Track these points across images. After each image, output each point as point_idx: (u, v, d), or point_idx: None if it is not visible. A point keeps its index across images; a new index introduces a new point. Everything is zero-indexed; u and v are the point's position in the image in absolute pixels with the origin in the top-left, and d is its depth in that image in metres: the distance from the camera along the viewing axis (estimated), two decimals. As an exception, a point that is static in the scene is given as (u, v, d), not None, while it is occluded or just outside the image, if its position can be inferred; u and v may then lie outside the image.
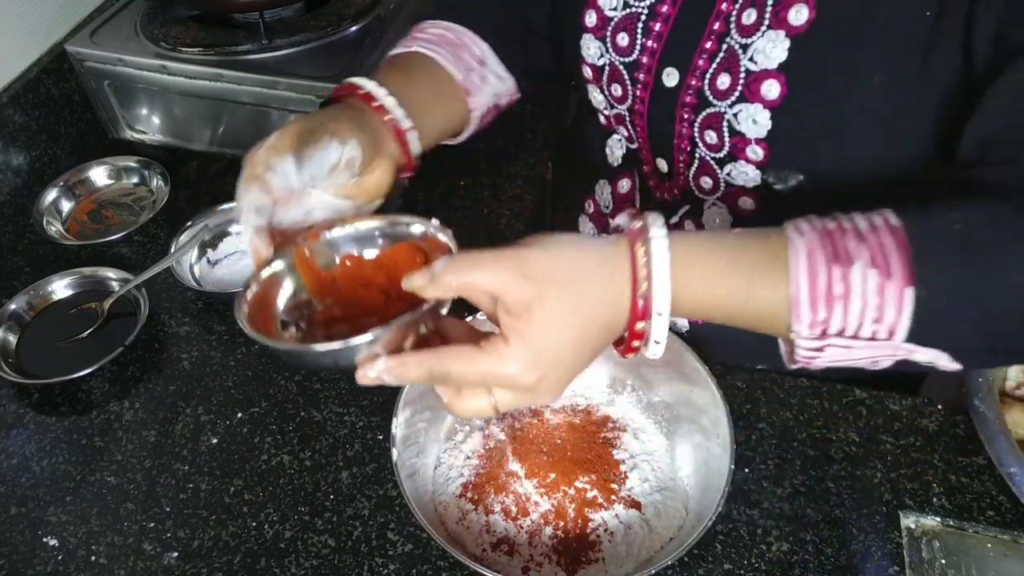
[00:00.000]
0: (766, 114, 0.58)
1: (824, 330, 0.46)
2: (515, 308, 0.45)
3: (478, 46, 0.73)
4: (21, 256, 0.93)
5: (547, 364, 0.46)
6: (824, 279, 0.45)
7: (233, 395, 0.77)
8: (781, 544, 0.64)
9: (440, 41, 0.71)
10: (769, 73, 0.57)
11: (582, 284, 0.46)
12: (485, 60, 0.73)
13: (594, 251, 0.47)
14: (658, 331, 0.47)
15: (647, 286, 0.46)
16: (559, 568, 0.61)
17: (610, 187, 0.78)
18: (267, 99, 0.95)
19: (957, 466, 0.69)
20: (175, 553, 0.65)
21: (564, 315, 0.45)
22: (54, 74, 1.01)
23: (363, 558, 0.64)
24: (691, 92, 0.62)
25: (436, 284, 0.46)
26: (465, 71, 0.70)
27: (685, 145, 0.66)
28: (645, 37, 0.64)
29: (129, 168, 1.01)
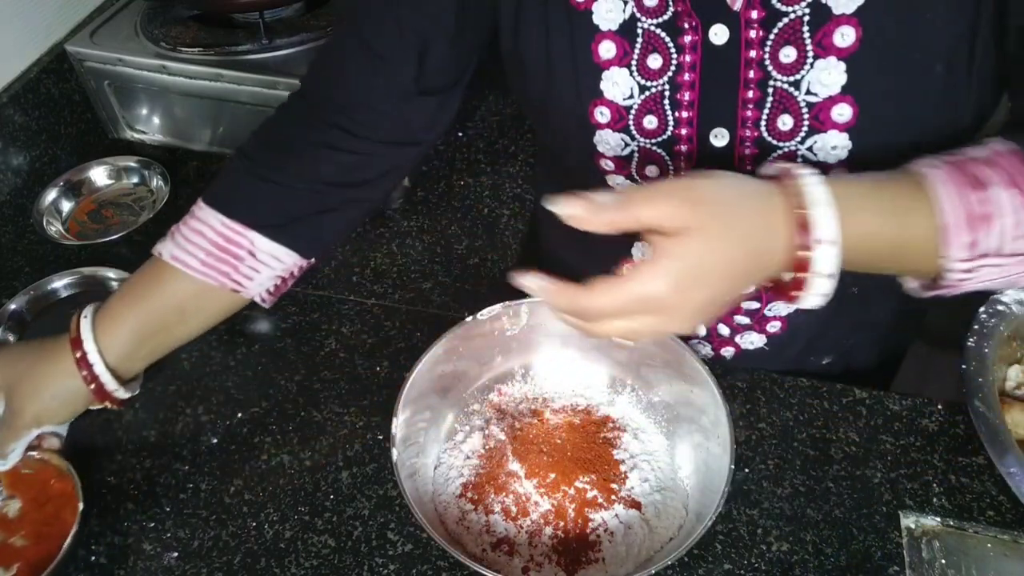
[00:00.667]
0: (843, 137, 0.57)
1: (976, 251, 0.49)
2: (673, 230, 0.45)
3: (244, 239, 0.65)
4: (21, 256, 0.93)
5: (693, 286, 0.46)
6: (968, 202, 0.48)
7: (233, 395, 0.77)
8: (781, 544, 0.64)
9: (199, 243, 0.65)
10: (835, 99, 0.56)
11: (738, 208, 0.47)
12: (255, 250, 0.65)
13: (752, 184, 0.48)
14: (824, 262, 0.47)
15: (804, 212, 0.46)
16: (559, 568, 0.61)
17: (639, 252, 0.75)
18: (267, 99, 0.95)
19: (957, 466, 0.69)
20: (175, 553, 0.65)
21: (725, 236, 0.46)
22: (54, 74, 1.01)
23: (363, 558, 0.64)
24: (748, 144, 0.60)
25: (598, 218, 0.46)
26: (225, 274, 0.65)
27: None
28: (676, 111, 0.60)
29: (129, 168, 1.01)
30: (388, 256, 0.92)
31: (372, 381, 0.78)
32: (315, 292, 0.87)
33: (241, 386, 0.78)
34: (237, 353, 0.81)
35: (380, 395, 0.76)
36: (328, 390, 0.77)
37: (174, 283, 0.66)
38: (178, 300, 0.66)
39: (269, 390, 0.77)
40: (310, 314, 0.85)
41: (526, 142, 1.09)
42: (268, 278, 0.68)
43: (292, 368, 0.79)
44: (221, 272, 0.65)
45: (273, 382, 0.78)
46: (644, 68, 0.60)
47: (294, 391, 0.77)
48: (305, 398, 0.76)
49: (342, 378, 0.78)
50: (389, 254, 0.93)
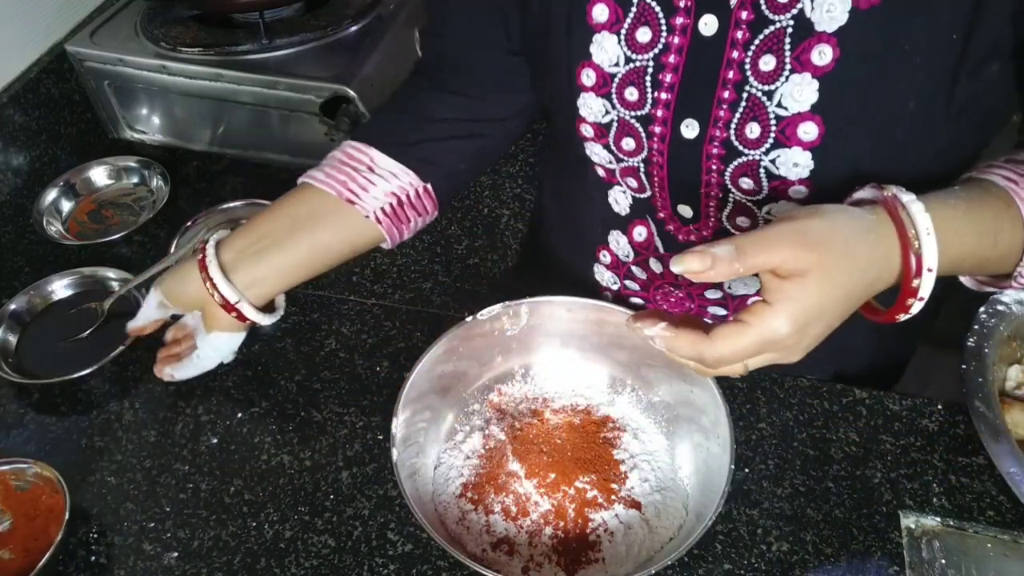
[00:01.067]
0: (807, 155, 0.57)
1: None
2: (788, 272, 0.47)
3: (365, 155, 0.72)
4: (21, 256, 0.93)
5: (812, 323, 0.48)
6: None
7: (233, 395, 0.77)
8: (781, 544, 0.64)
9: (326, 162, 0.73)
10: (803, 116, 0.56)
11: (854, 245, 0.48)
12: (373, 165, 0.72)
13: (860, 217, 0.50)
14: (927, 287, 0.49)
15: (918, 244, 0.48)
16: (559, 568, 0.61)
17: (625, 237, 0.76)
18: (267, 99, 0.95)
19: (957, 466, 0.69)
20: (175, 553, 0.65)
21: (842, 275, 0.47)
22: (54, 74, 1.01)
23: (363, 558, 0.64)
24: (716, 143, 0.61)
25: (717, 271, 0.47)
26: (343, 183, 0.71)
27: (715, 192, 0.64)
28: (656, 90, 0.61)
29: (129, 168, 1.01)
30: (388, 256, 0.92)
31: (372, 381, 0.78)
32: (315, 292, 0.87)
33: (241, 386, 0.78)
34: (237, 353, 0.81)
35: (380, 395, 0.76)
36: (328, 390, 0.77)
37: (297, 195, 0.72)
38: (294, 209, 0.71)
39: (269, 390, 0.77)
40: (310, 314, 0.85)
41: (526, 142, 1.09)
42: (383, 193, 0.71)
43: (292, 368, 0.79)
44: (339, 180, 0.70)
45: (273, 382, 0.78)
46: (632, 39, 0.61)
47: (294, 391, 0.77)
48: (305, 398, 0.76)
49: (342, 378, 0.78)
50: (389, 254, 0.93)
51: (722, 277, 0.47)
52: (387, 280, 0.89)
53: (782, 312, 0.47)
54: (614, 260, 0.79)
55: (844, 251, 0.48)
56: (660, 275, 0.75)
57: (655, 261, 0.75)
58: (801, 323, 0.47)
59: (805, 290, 0.47)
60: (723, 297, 0.74)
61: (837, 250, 0.47)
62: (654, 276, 0.76)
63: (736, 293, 0.73)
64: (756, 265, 0.47)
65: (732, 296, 0.74)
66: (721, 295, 0.74)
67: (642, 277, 0.77)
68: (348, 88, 0.90)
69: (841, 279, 0.47)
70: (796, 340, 0.48)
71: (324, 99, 0.92)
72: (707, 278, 0.47)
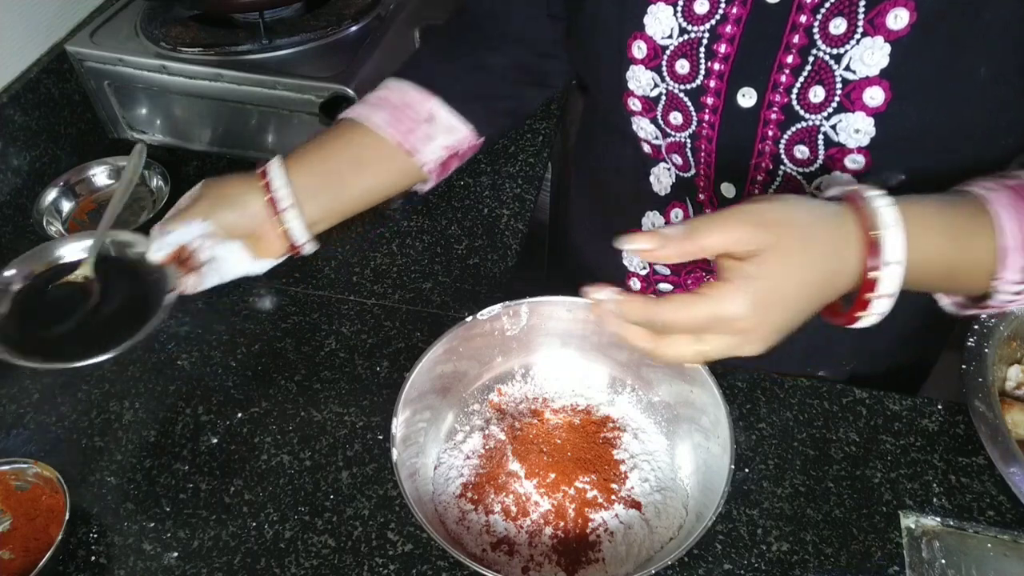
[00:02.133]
0: (869, 121, 0.56)
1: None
2: (745, 253, 0.46)
3: (425, 104, 0.72)
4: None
5: (771, 306, 0.46)
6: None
7: (233, 395, 0.77)
8: (781, 544, 0.64)
9: (382, 104, 0.72)
10: (871, 80, 0.55)
11: (816, 229, 0.47)
12: (434, 116, 0.73)
13: (823, 204, 0.49)
14: (888, 283, 0.47)
15: (877, 233, 0.47)
16: (559, 568, 0.61)
17: (663, 218, 0.75)
18: (267, 99, 0.95)
19: (957, 466, 0.69)
20: (175, 553, 0.65)
21: (800, 257, 0.46)
22: (54, 74, 1.01)
23: (363, 558, 0.64)
24: (775, 109, 0.60)
25: (668, 250, 0.46)
26: (405, 133, 0.71)
27: (767, 163, 0.63)
28: (710, 61, 0.61)
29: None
30: (388, 256, 0.92)
31: (372, 381, 0.78)
32: (315, 292, 0.87)
33: (241, 386, 0.78)
34: (237, 353, 0.81)
35: (380, 395, 0.76)
36: (328, 390, 0.77)
37: (356, 136, 0.71)
38: (357, 151, 0.71)
39: (269, 390, 0.77)
40: (310, 314, 0.85)
41: (526, 142, 1.09)
42: (441, 146, 0.73)
43: (292, 368, 0.79)
44: (400, 131, 0.71)
45: (273, 382, 0.78)
46: (689, 11, 0.60)
47: (294, 391, 0.77)
48: (305, 398, 0.76)
49: (342, 378, 0.78)
50: (389, 254, 0.93)
51: (674, 257, 0.47)
52: (387, 280, 0.89)
53: (738, 290, 0.45)
54: None
55: (804, 233, 0.46)
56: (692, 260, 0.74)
57: None
58: (758, 304, 0.45)
59: (761, 269, 0.45)
60: None
61: (796, 232, 0.46)
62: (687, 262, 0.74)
63: None
64: (711, 245, 0.46)
65: None
66: None
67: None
68: (348, 88, 0.90)
69: (800, 261, 0.46)
70: (755, 324, 0.46)
71: (324, 99, 0.92)
72: (658, 258, 0.47)
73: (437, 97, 0.73)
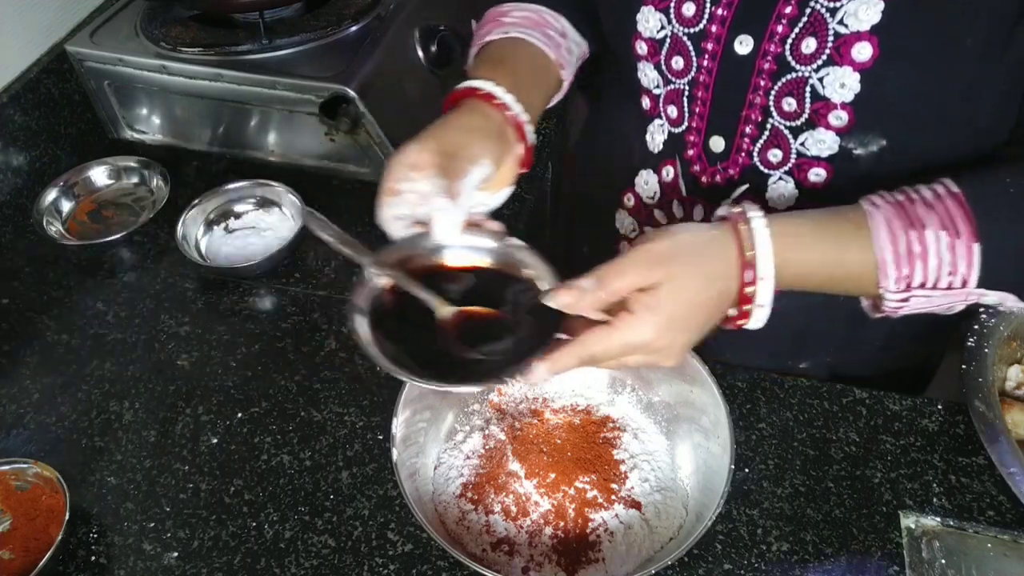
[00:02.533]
0: (855, 77, 0.58)
1: (908, 284, 0.55)
2: (647, 287, 0.52)
3: (558, 21, 0.76)
4: (21, 256, 0.93)
5: (677, 328, 0.53)
6: (904, 242, 0.55)
7: (233, 395, 0.77)
8: (781, 544, 0.64)
9: (528, 24, 0.74)
10: (861, 35, 0.56)
11: (700, 257, 0.54)
12: (565, 32, 0.77)
13: (705, 231, 0.55)
14: (763, 295, 0.55)
15: (752, 253, 0.54)
16: (559, 568, 0.61)
17: (656, 176, 0.76)
18: (267, 99, 0.95)
19: (957, 466, 0.69)
20: (175, 553, 0.65)
21: (689, 284, 0.53)
22: (54, 74, 1.01)
23: (363, 558, 0.64)
24: (769, 58, 0.61)
25: (584, 301, 0.53)
26: (555, 48, 0.74)
27: (756, 116, 0.65)
28: (714, 6, 0.63)
29: (129, 168, 1.01)
30: (388, 256, 0.92)
31: (372, 381, 0.78)
32: (315, 292, 0.87)
33: (241, 386, 0.78)
34: (237, 353, 0.81)
35: (380, 395, 0.76)
36: (328, 390, 0.77)
37: (528, 51, 0.73)
38: (532, 64, 0.73)
39: (269, 390, 0.77)
40: (310, 314, 0.85)
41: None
42: (574, 62, 0.78)
43: (292, 368, 0.79)
44: (552, 47, 0.74)
45: (273, 382, 0.78)
46: None
47: (294, 391, 0.77)
48: (305, 398, 0.76)
49: (342, 378, 0.78)
50: (389, 254, 0.92)
51: (591, 306, 0.53)
52: (387, 280, 0.89)
53: (641, 320, 0.52)
54: (637, 204, 0.80)
55: (689, 263, 0.53)
56: (681, 219, 0.75)
57: (678, 204, 0.75)
58: (660, 329, 0.52)
59: (657, 299, 0.52)
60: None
61: (682, 263, 0.53)
62: (675, 221, 0.75)
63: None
64: (617, 289, 0.52)
65: None
66: None
67: (663, 222, 0.77)
68: (348, 88, 0.90)
69: (690, 286, 0.53)
70: (663, 345, 0.53)
71: (324, 99, 0.92)
72: (579, 310, 0.53)
73: (562, 15, 0.77)
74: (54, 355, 0.81)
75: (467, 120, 0.64)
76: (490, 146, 0.62)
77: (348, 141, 0.95)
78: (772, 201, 0.68)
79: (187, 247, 0.89)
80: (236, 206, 0.95)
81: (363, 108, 0.91)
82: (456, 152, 0.60)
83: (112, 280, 0.89)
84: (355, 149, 0.96)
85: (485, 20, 0.77)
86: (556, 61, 0.74)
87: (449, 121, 0.63)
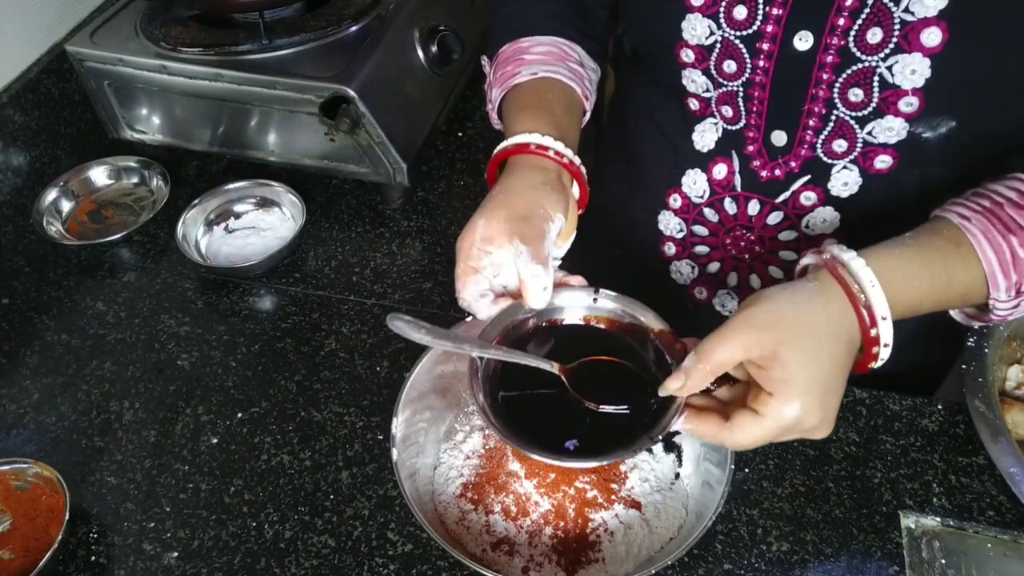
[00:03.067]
0: (926, 63, 0.56)
1: (1019, 289, 0.55)
2: (765, 361, 0.50)
3: (575, 51, 0.75)
4: (21, 256, 0.93)
5: (820, 394, 0.50)
6: (1007, 250, 0.54)
7: (233, 395, 0.77)
8: (781, 544, 0.64)
9: (552, 59, 0.72)
10: (929, 21, 0.55)
11: (809, 314, 0.52)
12: (583, 61, 0.75)
13: (802, 287, 0.54)
14: (885, 334, 0.53)
15: (864, 297, 0.52)
16: (559, 568, 0.61)
17: (705, 175, 0.74)
18: (267, 99, 0.95)
19: (957, 466, 0.69)
20: (175, 553, 0.65)
21: (811, 345, 0.50)
22: (54, 74, 1.01)
23: (363, 558, 0.64)
24: (832, 52, 0.60)
25: (692, 381, 0.52)
26: (580, 81, 0.73)
27: (820, 108, 0.63)
28: (768, 5, 0.61)
29: (129, 168, 1.01)
30: (388, 256, 0.92)
31: (372, 381, 0.78)
32: (315, 292, 0.87)
33: (241, 386, 0.78)
34: (237, 353, 0.81)
35: (380, 395, 0.76)
36: (328, 390, 0.77)
37: (559, 89, 0.71)
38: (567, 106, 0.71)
39: (269, 390, 0.77)
40: (310, 314, 0.85)
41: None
42: (594, 89, 0.76)
43: (292, 368, 0.79)
44: (576, 80, 0.72)
45: (273, 382, 0.78)
46: None
47: (294, 391, 0.77)
48: (305, 398, 0.76)
49: (342, 378, 0.78)
50: (389, 254, 0.93)
51: (698, 384, 0.52)
52: (387, 280, 0.89)
53: (784, 397, 0.50)
54: (685, 203, 0.77)
55: (798, 321, 0.51)
56: (734, 216, 0.74)
57: (730, 201, 0.74)
58: (809, 402, 0.50)
59: (786, 368, 0.49)
60: (796, 239, 0.73)
61: (790, 322, 0.51)
62: (727, 218, 0.75)
63: (812, 233, 0.72)
64: (721, 362, 0.51)
65: (807, 236, 0.72)
66: (795, 235, 0.73)
67: (713, 220, 0.76)
68: (348, 88, 0.90)
69: (811, 345, 0.50)
70: (818, 417, 0.50)
71: (324, 99, 0.92)
72: (688, 391, 0.53)
73: (577, 44, 0.75)
74: (54, 355, 0.81)
75: (529, 178, 0.63)
76: (557, 199, 0.62)
77: (348, 141, 0.95)
78: (835, 191, 0.68)
79: (187, 247, 0.89)
80: (236, 206, 0.96)
81: (363, 108, 0.91)
82: (530, 214, 0.60)
83: (112, 280, 0.89)
84: (355, 149, 0.96)
85: (505, 58, 0.74)
86: (582, 94, 0.73)
87: (511, 184, 0.63)
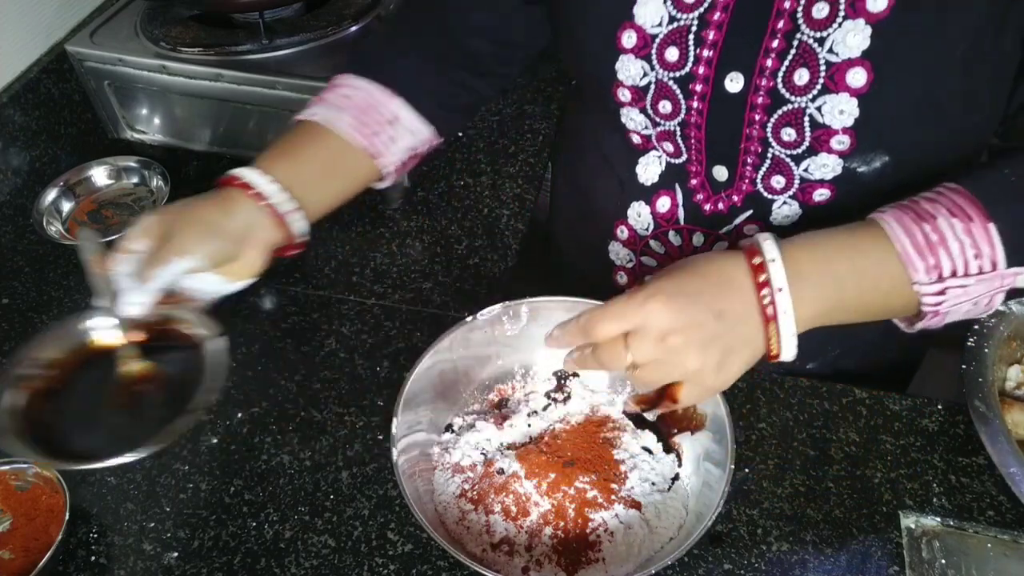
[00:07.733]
0: (853, 102, 0.57)
1: (940, 274, 0.54)
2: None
3: (389, 106, 0.73)
4: (21, 256, 0.93)
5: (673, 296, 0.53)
6: (920, 234, 0.54)
7: (233, 395, 0.77)
8: (781, 544, 0.64)
9: (346, 105, 0.72)
10: (853, 62, 0.56)
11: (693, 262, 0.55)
12: (398, 118, 0.73)
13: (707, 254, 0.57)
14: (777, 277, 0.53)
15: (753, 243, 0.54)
16: (559, 568, 0.61)
17: (648, 207, 0.75)
18: (267, 99, 0.95)
19: (957, 466, 0.69)
20: (175, 553, 0.65)
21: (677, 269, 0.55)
22: (54, 74, 1.01)
23: (363, 558, 0.64)
24: (762, 93, 0.61)
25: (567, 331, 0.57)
26: (370, 136, 0.71)
27: (755, 147, 0.64)
28: (698, 47, 0.62)
29: (129, 168, 1.01)
30: (388, 256, 0.92)
31: (372, 381, 0.78)
32: (315, 292, 0.87)
33: (241, 386, 0.78)
34: (237, 353, 0.81)
35: (380, 395, 0.76)
36: (328, 390, 0.77)
37: (324, 141, 0.71)
38: (327, 157, 0.71)
39: (269, 390, 0.77)
40: (310, 314, 0.85)
41: (526, 142, 1.09)
42: (403, 149, 0.74)
43: (292, 368, 0.79)
44: (366, 135, 0.71)
45: (273, 382, 0.78)
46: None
47: (294, 391, 0.77)
48: (305, 398, 0.76)
49: (342, 378, 0.78)
50: (389, 254, 0.93)
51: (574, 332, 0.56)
52: (387, 280, 0.89)
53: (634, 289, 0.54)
54: (631, 235, 0.78)
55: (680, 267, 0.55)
56: (680, 248, 0.75)
57: (675, 234, 0.74)
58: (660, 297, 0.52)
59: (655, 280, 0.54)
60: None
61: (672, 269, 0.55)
62: (673, 250, 0.75)
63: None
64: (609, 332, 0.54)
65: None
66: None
67: (660, 252, 0.77)
68: (348, 88, 0.90)
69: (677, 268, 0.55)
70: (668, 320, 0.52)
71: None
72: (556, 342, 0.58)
73: (400, 98, 0.73)
74: (54, 355, 0.81)
75: (202, 212, 0.65)
76: (212, 243, 0.64)
77: (348, 141, 0.95)
78: (777, 223, 0.68)
79: None
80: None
81: (363, 108, 0.91)
82: (170, 237, 0.63)
83: (112, 280, 0.89)
84: (355, 149, 0.96)
85: (330, 83, 0.75)
86: (366, 149, 0.71)
87: (189, 206, 0.65)
